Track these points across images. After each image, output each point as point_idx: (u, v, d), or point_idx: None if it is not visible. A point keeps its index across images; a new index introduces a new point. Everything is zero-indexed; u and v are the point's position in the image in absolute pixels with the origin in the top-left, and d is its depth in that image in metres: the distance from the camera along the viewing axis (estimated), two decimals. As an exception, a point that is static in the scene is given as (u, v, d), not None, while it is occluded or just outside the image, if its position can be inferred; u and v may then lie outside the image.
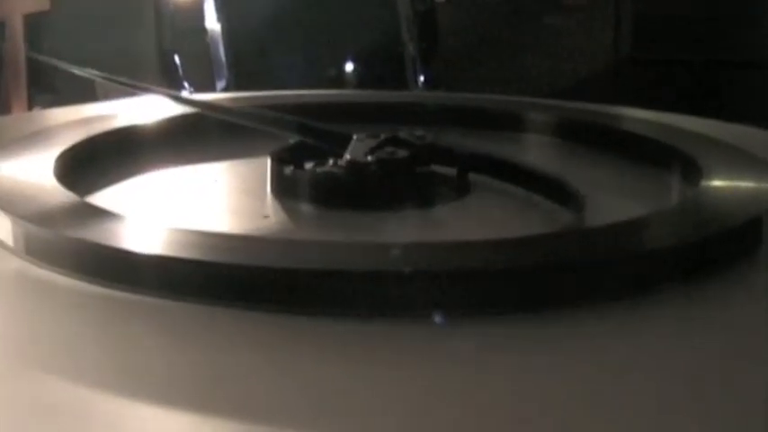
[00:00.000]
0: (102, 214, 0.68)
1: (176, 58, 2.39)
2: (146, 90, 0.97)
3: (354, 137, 0.82)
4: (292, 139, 0.85)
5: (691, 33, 2.86)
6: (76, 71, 0.98)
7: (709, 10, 2.86)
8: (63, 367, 0.52)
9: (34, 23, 2.39)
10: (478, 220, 0.80)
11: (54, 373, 0.51)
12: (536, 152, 0.99)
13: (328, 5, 2.38)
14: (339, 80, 2.33)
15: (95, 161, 0.85)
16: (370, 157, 0.79)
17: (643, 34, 2.91)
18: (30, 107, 2.36)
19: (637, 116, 1.04)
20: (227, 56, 2.27)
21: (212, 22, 2.29)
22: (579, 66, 2.94)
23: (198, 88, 2.31)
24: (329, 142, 0.83)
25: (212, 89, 2.24)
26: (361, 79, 2.33)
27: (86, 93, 1.96)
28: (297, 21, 2.35)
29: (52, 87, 2.45)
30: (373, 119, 0.99)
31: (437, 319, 0.57)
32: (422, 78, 2.39)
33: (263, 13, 2.32)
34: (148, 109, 0.96)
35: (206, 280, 0.59)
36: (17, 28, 2.31)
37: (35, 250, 0.65)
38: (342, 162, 0.80)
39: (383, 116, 1.00)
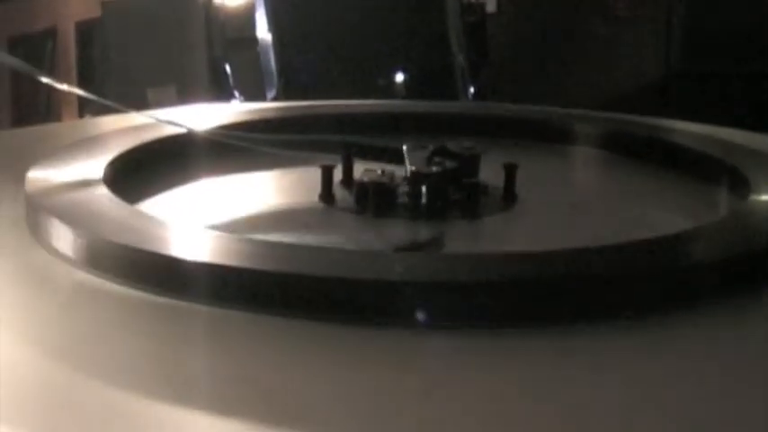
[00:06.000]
0: (150, 221, 0.69)
1: (227, 68, 2.41)
2: (169, 123, 0.94)
3: (404, 147, 0.82)
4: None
5: (743, 46, 2.84)
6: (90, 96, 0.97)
7: (761, 22, 2.84)
8: (106, 373, 0.52)
9: (86, 31, 2.41)
10: (523, 231, 0.80)
11: (100, 378, 0.52)
12: (582, 165, 0.99)
13: (378, 16, 2.38)
14: (389, 91, 2.33)
15: (143, 169, 0.86)
16: (434, 168, 0.79)
17: (694, 47, 2.89)
18: (81, 114, 2.38)
19: (687, 129, 1.03)
20: (276, 65, 2.27)
21: (263, 32, 2.29)
22: (630, 78, 2.92)
23: (248, 97, 2.32)
24: (376, 157, 0.83)
25: (262, 98, 2.24)
26: (411, 90, 2.33)
27: (137, 100, 1.98)
28: (347, 31, 2.35)
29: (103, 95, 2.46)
30: (421, 129, 0.99)
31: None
32: (471, 89, 2.39)
33: (314, 22, 2.32)
34: (198, 117, 0.97)
35: (249, 288, 0.59)
36: (68, 35, 2.33)
37: (86, 258, 0.65)
38: (397, 172, 0.80)
39: (432, 126, 1.00)
